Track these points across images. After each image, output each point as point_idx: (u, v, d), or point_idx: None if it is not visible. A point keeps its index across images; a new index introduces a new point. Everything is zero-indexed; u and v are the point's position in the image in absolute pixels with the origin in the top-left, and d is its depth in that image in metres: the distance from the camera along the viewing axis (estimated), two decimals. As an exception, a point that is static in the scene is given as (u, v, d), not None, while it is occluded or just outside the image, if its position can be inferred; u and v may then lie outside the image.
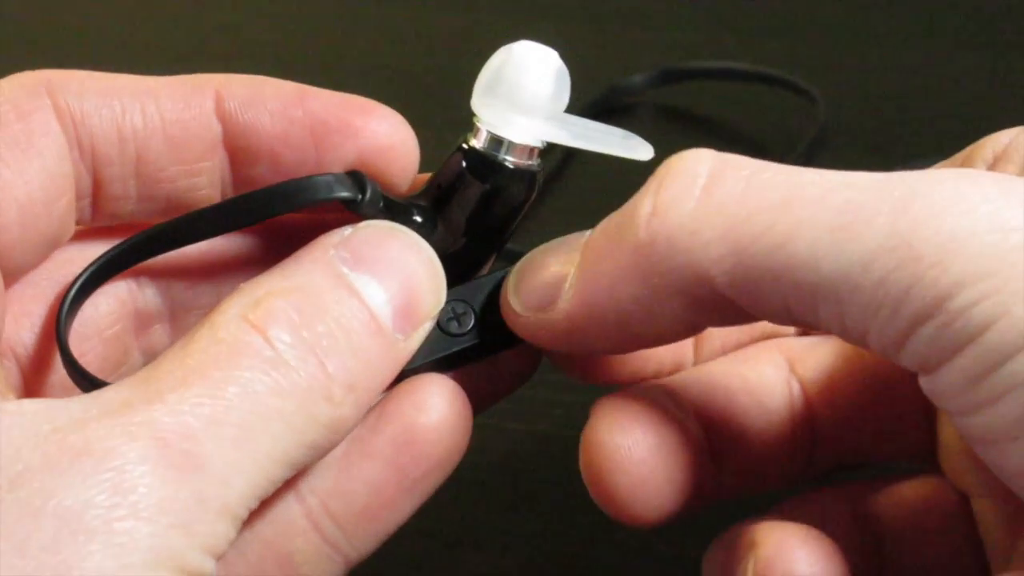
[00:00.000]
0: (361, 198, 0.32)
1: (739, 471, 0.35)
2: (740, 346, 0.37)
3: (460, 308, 0.33)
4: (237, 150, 0.33)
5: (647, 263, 0.29)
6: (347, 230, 0.31)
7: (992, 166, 0.31)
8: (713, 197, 0.29)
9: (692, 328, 0.31)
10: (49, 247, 0.32)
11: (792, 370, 0.36)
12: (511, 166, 0.32)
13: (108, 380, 0.32)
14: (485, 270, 0.34)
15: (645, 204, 0.30)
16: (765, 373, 0.36)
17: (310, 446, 0.29)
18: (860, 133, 0.66)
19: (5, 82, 0.32)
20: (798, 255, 0.27)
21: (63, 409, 0.27)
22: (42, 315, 0.33)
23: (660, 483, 0.33)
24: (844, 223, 0.27)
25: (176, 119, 0.32)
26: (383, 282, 0.30)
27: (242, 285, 0.30)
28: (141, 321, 0.35)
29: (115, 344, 0.34)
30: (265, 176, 0.33)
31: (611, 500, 0.33)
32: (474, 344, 0.33)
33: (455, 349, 0.33)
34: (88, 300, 0.33)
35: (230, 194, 0.34)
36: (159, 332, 0.35)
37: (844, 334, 0.28)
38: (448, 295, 0.32)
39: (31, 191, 0.31)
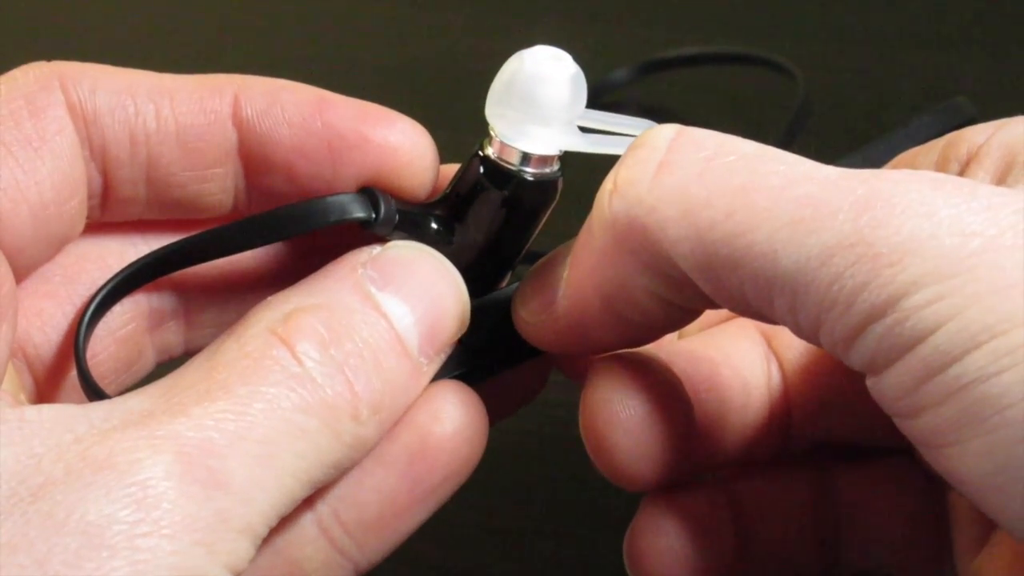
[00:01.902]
0: (375, 218, 0.31)
1: (721, 442, 0.35)
2: (720, 323, 0.37)
3: (479, 322, 0.32)
4: (252, 159, 0.32)
5: (614, 242, 0.29)
6: (375, 248, 0.31)
7: (965, 165, 0.31)
8: (670, 174, 0.28)
9: (681, 312, 0.31)
10: (59, 245, 0.32)
11: (769, 346, 0.36)
12: (530, 177, 0.32)
13: (121, 378, 0.33)
14: (505, 279, 0.34)
15: (608, 181, 0.30)
16: (744, 347, 0.36)
17: (332, 465, 0.29)
18: (842, 107, 0.67)
19: (19, 73, 0.31)
20: (756, 245, 0.27)
21: (83, 417, 0.27)
22: (53, 313, 0.32)
23: (659, 445, 0.33)
24: (804, 216, 0.26)
25: (191, 124, 0.32)
26: (410, 304, 0.30)
27: (269, 299, 0.30)
28: (155, 319, 0.34)
29: (128, 343, 0.34)
30: (279, 186, 0.33)
31: (611, 460, 0.33)
32: (493, 358, 0.33)
33: (475, 363, 0.32)
34: None
35: (242, 201, 0.33)
36: (173, 329, 0.35)
37: (797, 329, 0.27)
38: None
39: (43, 191, 0.30)
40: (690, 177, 0.28)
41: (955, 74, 0.70)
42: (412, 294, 0.31)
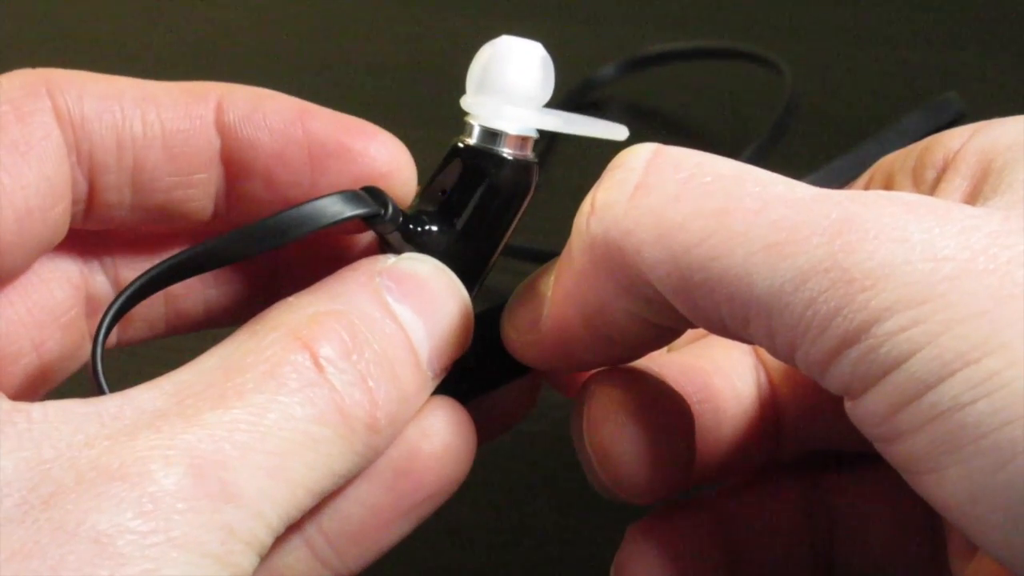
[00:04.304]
0: (383, 213, 0.31)
1: (715, 453, 0.35)
2: (706, 335, 0.37)
3: (472, 339, 0.32)
4: (233, 164, 0.33)
5: (592, 263, 0.29)
6: (390, 258, 0.31)
7: (941, 171, 0.31)
8: (647, 197, 0.28)
9: (663, 332, 0.31)
10: (41, 251, 0.32)
11: (757, 355, 0.36)
12: (510, 157, 0.32)
13: (67, 364, 0.33)
14: (487, 272, 0.34)
15: (587, 202, 0.30)
16: (734, 357, 0.36)
17: (342, 475, 0.29)
18: (829, 104, 0.67)
19: (5, 79, 0.31)
20: (731, 269, 0.27)
21: (93, 416, 0.27)
22: (19, 316, 0.33)
23: (659, 457, 0.33)
24: (779, 240, 0.26)
25: (176, 129, 0.32)
26: (422, 317, 0.31)
27: (289, 300, 0.30)
28: (92, 307, 0.34)
29: (72, 329, 0.34)
30: (259, 193, 0.33)
31: (616, 473, 0.33)
32: (483, 375, 0.33)
33: (465, 380, 0.33)
34: (44, 287, 0.33)
35: (222, 208, 0.33)
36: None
37: (774, 351, 0.27)
38: None
39: (28, 197, 0.30)
40: (666, 199, 0.28)
41: (944, 71, 0.69)
42: (424, 308, 0.31)
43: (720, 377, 0.35)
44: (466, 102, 0.33)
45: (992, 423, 0.24)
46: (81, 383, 0.31)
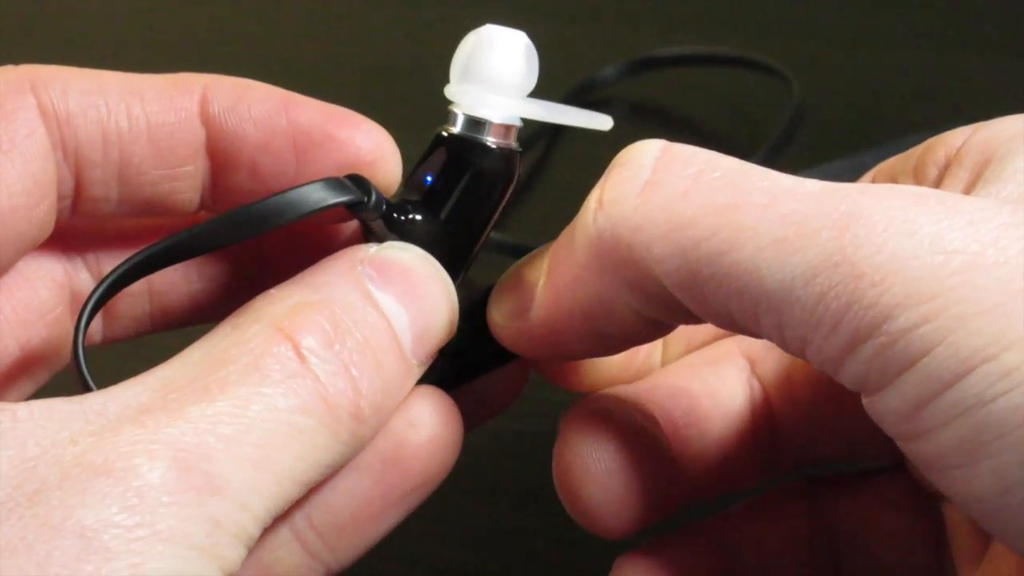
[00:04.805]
0: (367, 200, 0.31)
1: (703, 474, 0.35)
2: (705, 343, 0.37)
3: (458, 326, 0.32)
4: (218, 155, 0.33)
5: (597, 258, 0.29)
6: (372, 247, 0.31)
7: (944, 170, 0.31)
8: (657, 193, 0.28)
9: (658, 327, 0.31)
10: (27, 249, 0.32)
11: (753, 370, 0.36)
12: (493, 145, 0.32)
13: (53, 363, 0.33)
14: (470, 261, 0.34)
15: (593, 198, 0.30)
16: (727, 375, 0.36)
17: (328, 465, 0.29)
18: (835, 114, 0.66)
19: None
20: (741, 263, 0.27)
21: (78, 412, 0.27)
22: (3, 315, 0.33)
23: (636, 492, 0.33)
24: (788, 235, 0.26)
25: (161, 122, 0.32)
26: (405, 305, 0.31)
27: (270, 292, 0.30)
28: (76, 305, 0.34)
29: (57, 327, 0.34)
30: (243, 184, 0.33)
31: (588, 513, 0.33)
32: (469, 362, 0.33)
33: (451, 368, 0.33)
34: (28, 285, 0.33)
35: (208, 200, 0.33)
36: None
37: (784, 346, 0.27)
38: None
39: (13, 195, 0.30)
40: (676, 195, 0.28)
41: (951, 78, 0.69)
42: (407, 296, 0.31)
43: (708, 398, 0.35)
44: (450, 91, 0.33)
45: (1018, 418, 0.24)
46: (68, 382, 0.31)
